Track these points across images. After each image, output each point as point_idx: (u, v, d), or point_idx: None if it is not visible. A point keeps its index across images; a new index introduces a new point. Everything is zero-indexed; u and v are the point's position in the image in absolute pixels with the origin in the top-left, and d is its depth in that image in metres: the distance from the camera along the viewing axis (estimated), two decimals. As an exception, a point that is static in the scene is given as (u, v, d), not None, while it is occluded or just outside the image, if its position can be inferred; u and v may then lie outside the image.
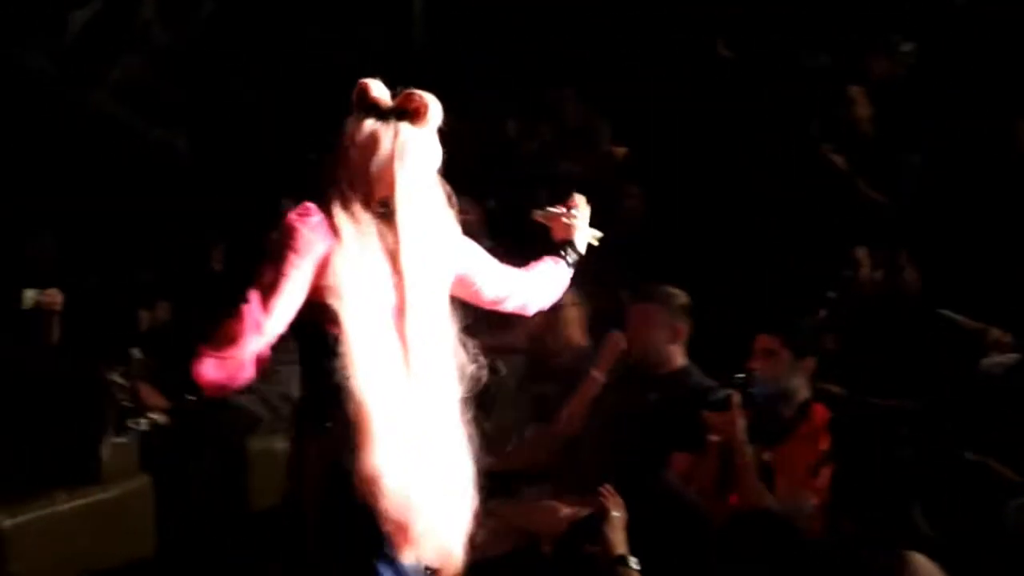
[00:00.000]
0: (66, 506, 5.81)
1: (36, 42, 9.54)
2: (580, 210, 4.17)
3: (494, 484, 5.36)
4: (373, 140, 3.52)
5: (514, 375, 6.32)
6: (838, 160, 7.38)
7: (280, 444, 6.85)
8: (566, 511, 5.21)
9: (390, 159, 3.52)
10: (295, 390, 6.78)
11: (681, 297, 5.59)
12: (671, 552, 4.61)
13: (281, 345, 6.61)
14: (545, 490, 5.62)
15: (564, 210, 4.19)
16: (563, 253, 4.15)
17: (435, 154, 3.60)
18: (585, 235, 4.20)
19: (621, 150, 8.73)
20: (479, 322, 7.16)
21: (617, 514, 4.45)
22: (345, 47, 10.02)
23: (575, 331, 5.99)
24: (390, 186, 3.53)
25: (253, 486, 6.67)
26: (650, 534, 4.49)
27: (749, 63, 8.75)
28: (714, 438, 5.00)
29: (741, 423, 4.93)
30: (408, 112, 3.56)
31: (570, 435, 5.66)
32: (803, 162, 7.60)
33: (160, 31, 10.03)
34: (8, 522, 5.51)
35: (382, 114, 3.56)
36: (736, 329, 5.62)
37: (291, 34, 10.46)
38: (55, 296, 6.13)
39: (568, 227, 4.18)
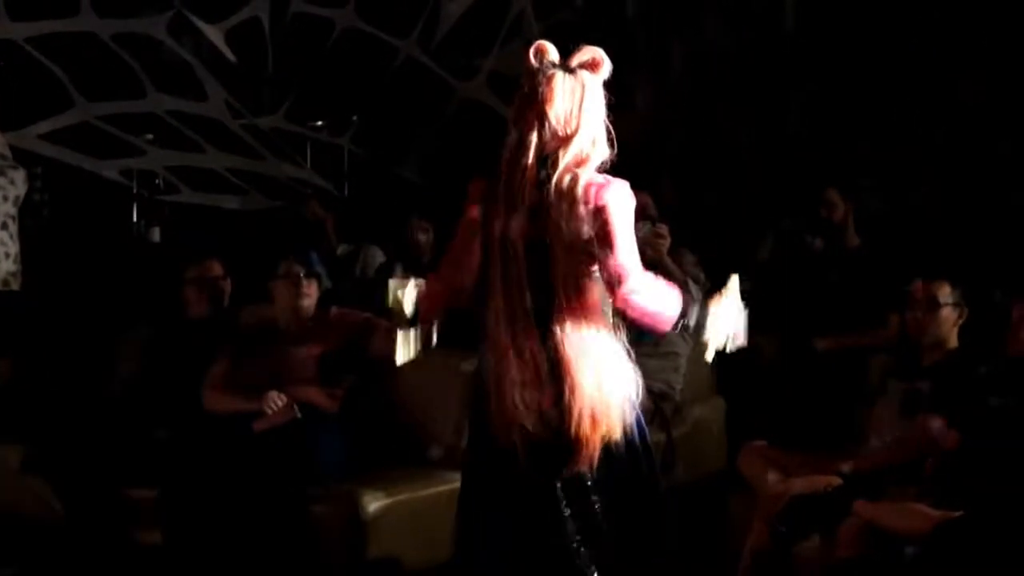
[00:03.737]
0: (432, 491, 5.83)
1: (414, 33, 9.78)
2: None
3: (859, 483, 5.29)
4: (563, 89, 4.05)
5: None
6: None
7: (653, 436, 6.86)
8: (934, 514, 5.04)
9: (579, 102, 4.07)
10: (657, 383, 6.83)
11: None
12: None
13: (640, 339, 6.61)
14: (911, 491, 5.44)
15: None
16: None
17: (603, 100, 4.12)
18: None
19: None
20: (848, 319, 7.09)
21: None
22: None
23: (949, 332, 5.79)
24: (575, 127, 4.06)
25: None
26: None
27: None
28: None
29: None
30: (586, 64, 4.09)
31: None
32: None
33: (532, 22, 10.13)
34: (373, 505, 5.62)
35: (566, 68, 4.08)
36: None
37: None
38: None
39: None
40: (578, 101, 4.07)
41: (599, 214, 4.06)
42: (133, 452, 6.25)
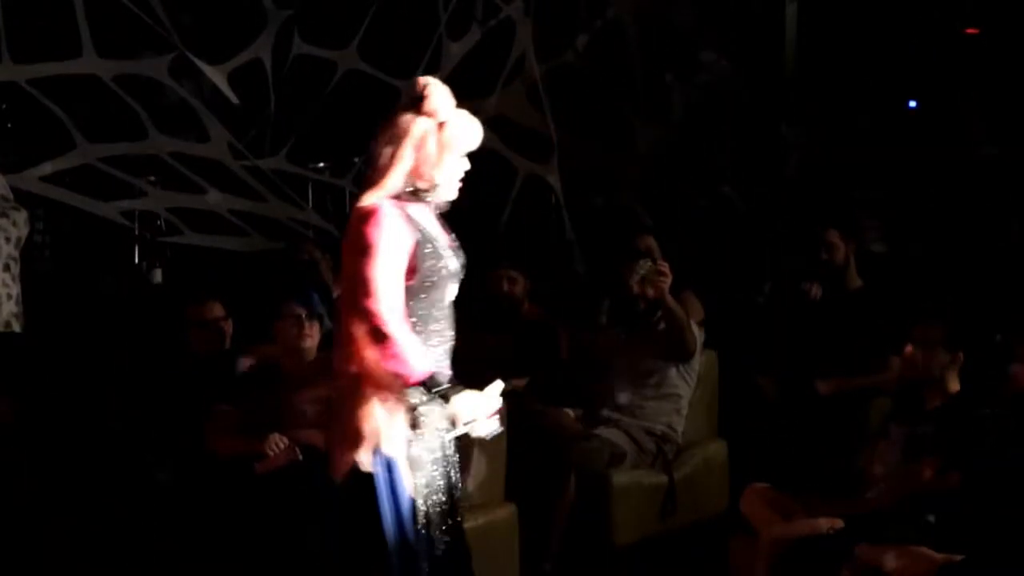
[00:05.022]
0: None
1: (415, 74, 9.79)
2: None
3: (861, 526, 5.29)
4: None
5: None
6: None
7: (645, 479, 6.86)
8: (937, 557, 5.03)
9: (378, 132, 4.24)
10: (659, 425, 6.83)
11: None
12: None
13: (642, 380, 6.61)
14: (913, 534, 5.43)
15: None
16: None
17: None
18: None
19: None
20: (850, 362, 7.09)
21: None
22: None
23: (943, 373, 5.78)
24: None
25: (616, 520, 6.66)
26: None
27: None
28: None
29: None
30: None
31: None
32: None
33: (534, 64, 10.16)
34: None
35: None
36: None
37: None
38: None
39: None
40: (379, 131, 4.28)
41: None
42: (134, 494, 6.24)
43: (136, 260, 9.76)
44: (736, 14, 10.88)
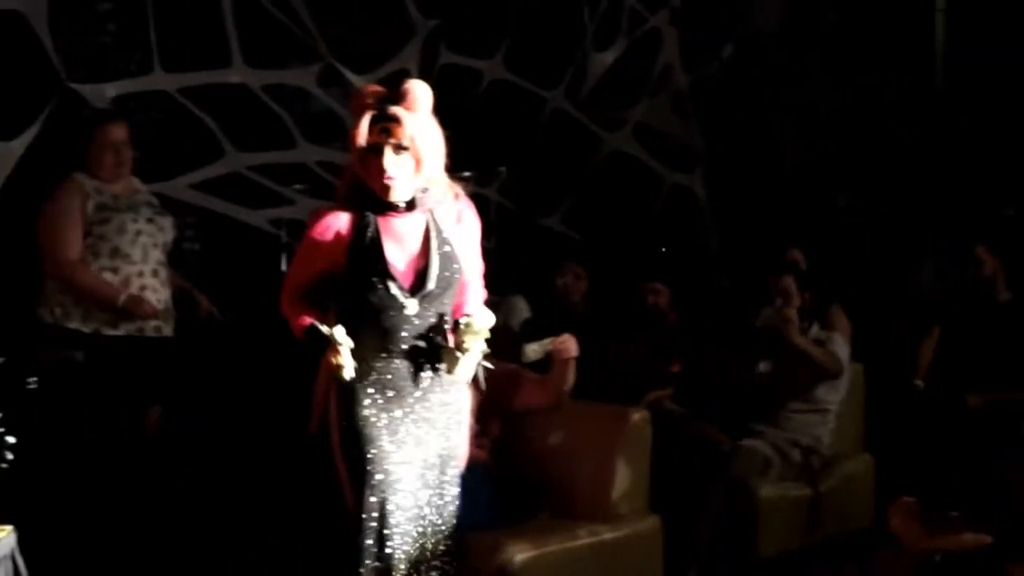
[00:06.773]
0: (578, 543, 5.81)
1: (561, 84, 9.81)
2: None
3: (1011, 544, 5.20)
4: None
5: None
6: None
7: (792, 492, 6.80)
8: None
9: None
10: (805, 437, 6.77)
11: None
12: None
13: (789, 394, 6.55)
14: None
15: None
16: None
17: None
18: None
19: None
20: (1002, 375, 6.98)
21: None
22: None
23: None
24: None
25: (762, 531, 6.62)
26: None
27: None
28: None
29: None
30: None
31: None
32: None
33: (680, 74, 10.14)
34: (520, 556, 5.58)
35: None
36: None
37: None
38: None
39: None
40: None
41: None
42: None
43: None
44: (883, 22, 10.76)
